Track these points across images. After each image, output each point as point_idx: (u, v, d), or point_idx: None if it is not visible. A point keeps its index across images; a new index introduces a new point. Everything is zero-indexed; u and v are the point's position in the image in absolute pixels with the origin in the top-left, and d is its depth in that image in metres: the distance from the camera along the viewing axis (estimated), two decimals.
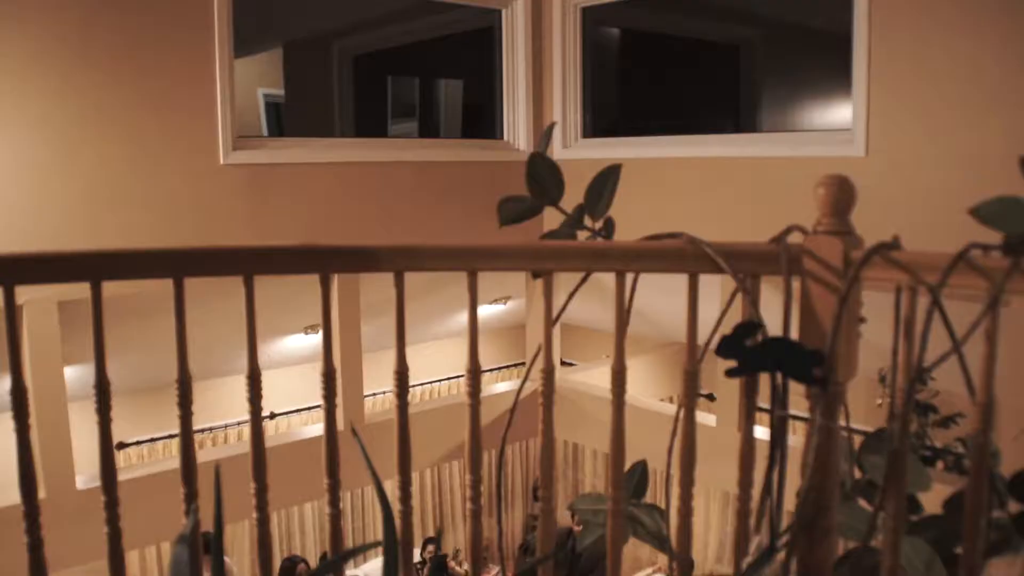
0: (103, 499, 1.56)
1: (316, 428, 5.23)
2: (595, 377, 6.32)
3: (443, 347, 8.15)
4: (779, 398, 1.31)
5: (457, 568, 7.25)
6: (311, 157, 4.73)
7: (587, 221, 1.53)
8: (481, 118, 6.07)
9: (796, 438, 1.82)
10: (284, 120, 6.57)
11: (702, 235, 1.29)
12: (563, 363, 8.37)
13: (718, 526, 7.27)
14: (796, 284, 1.33)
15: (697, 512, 7.34)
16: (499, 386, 6.33)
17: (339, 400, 4.64)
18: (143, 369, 5.84)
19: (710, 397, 7.20)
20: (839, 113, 4.46)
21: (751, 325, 1.27)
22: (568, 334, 7.60)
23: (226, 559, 6.14)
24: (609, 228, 1.53)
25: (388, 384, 5.60)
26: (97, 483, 4.14)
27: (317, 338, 5.28)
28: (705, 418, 5.18)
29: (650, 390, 7.05)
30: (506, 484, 8.71)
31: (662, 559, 7.48)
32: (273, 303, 5.32)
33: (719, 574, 7.29)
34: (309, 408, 6.80)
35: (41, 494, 4.07)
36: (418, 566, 7.16)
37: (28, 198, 3.79)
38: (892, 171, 4.01)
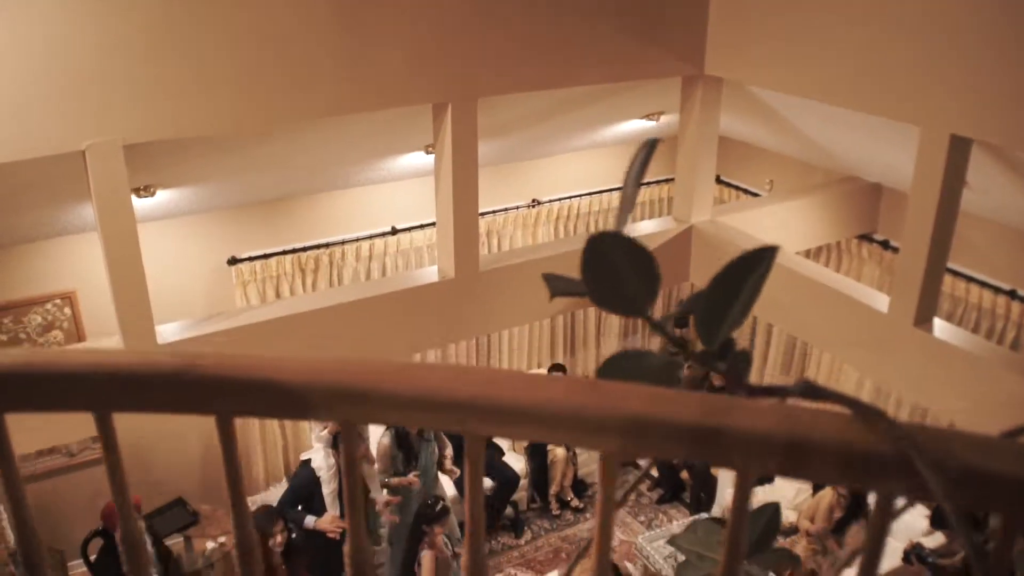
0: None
1: (429, 272, 4.75)
2: (749, 222, 5.49)
3: (583, 158, 7.41)
4: None
5: None
6: None
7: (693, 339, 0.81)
8: None
9: None
10: None
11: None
12: (719, 181, 7.49)
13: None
14: None
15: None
16: (643, 225, 5.60)
17: (451, 247, 4.07)
18: (251, 185, 5.47)
19: (885, 245, 6.24)
20: None
21: None
22: (726, 149, 6.68)
23: None
24: (739, 363, 0.81)
25: (511, 200, 5.00)
26: (179, 337, 3.84)
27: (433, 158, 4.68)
28: (874, 298, 4.34)
29: (809, 237, 6.15)
30: None
31: None
32: (396, 121, 4.69)
33: None
34: (431, 224, 6.31)
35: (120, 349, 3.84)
36: None
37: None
38: None
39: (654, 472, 7.18)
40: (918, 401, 4.97)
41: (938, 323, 4.01)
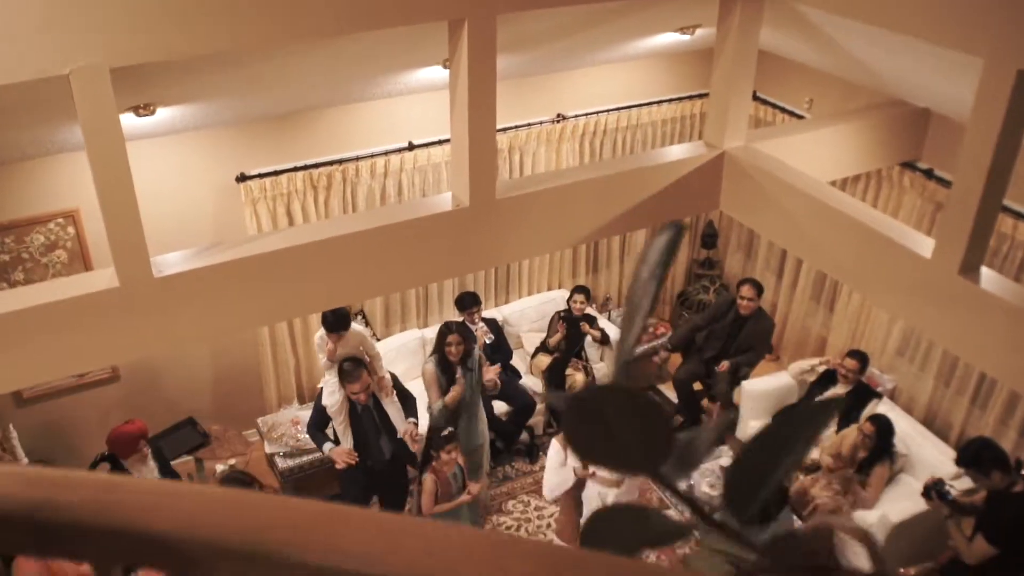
0: None
1: (442, 200, 4.51)
2: (786, 149, 5.15)
3: (612, 71, 7.03)
4: None
5: (593, 330, 6.67)
6: None
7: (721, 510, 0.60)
8: None
9: None
10: None
11: None
12: (756, 98, 7.08)
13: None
14: None
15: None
16: (673, 150, 5.29)
17: (467, 174, 3.81)
18: (259, 100, 5.19)
19: (928, 174, 5.87)
20: None
21: None
22: (764, 63, 6.25)
23: (362, 328, 5.80)
24: (789, 544, 0.59)
25: (534, 115, 4.60)
26: (179, 268, 3.66)
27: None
28: (917, 242, 4.05)
29: (847, 164, 5.79)
30: None
31: (830, 350, 6.66)
32: (412, 35, 4.37)
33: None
34: (447, 141, 6.01)
35: (115, 283, 3.65)
36: (562, 314, 6.69)
37: None
38: None
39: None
40: (955, 352, 4.71)
41: (985, 272, 3.73)
